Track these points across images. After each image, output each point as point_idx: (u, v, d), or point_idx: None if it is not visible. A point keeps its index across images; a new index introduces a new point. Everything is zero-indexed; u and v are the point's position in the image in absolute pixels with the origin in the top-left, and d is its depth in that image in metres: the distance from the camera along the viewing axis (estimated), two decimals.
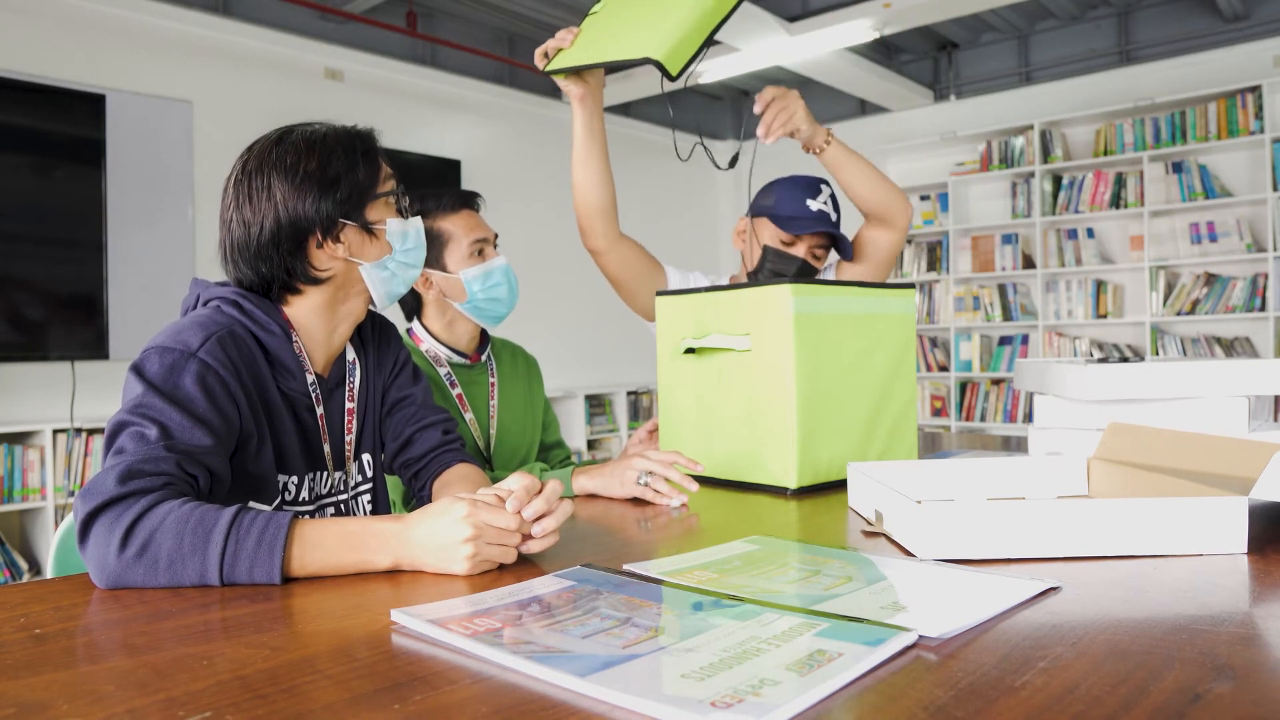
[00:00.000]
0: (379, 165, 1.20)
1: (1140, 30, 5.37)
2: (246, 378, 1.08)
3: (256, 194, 1.12)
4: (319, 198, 1.12)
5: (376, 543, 0.89)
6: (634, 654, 0.63)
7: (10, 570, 3.63)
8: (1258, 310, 4.86)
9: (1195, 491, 0.98)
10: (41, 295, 3.77)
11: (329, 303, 1.19)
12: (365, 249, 1.18)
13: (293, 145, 1.14)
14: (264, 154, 1.14)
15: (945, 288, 5.87)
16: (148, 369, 0.99)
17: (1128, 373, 1.39)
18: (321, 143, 1.15)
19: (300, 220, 1.12)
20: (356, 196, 1.16)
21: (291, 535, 0.86)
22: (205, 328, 1.06)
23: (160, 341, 1.03)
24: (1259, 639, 0.66)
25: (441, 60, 5.31)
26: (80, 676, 0.62)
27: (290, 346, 1.15)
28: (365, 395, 1.29)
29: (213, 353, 1.03)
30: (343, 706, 0.56)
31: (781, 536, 1.05)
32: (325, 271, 1.16)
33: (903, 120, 6.21)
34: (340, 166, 1.14)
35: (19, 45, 3.79)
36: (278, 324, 1.15)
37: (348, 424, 1.24)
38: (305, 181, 1.12)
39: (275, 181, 1.11)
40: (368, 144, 1.20)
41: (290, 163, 1.12)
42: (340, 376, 1.24)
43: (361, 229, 1.17)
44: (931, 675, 0.59)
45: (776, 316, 1.38)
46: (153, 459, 0.91)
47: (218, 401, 1.01)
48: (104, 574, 0.84)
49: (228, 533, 0.84)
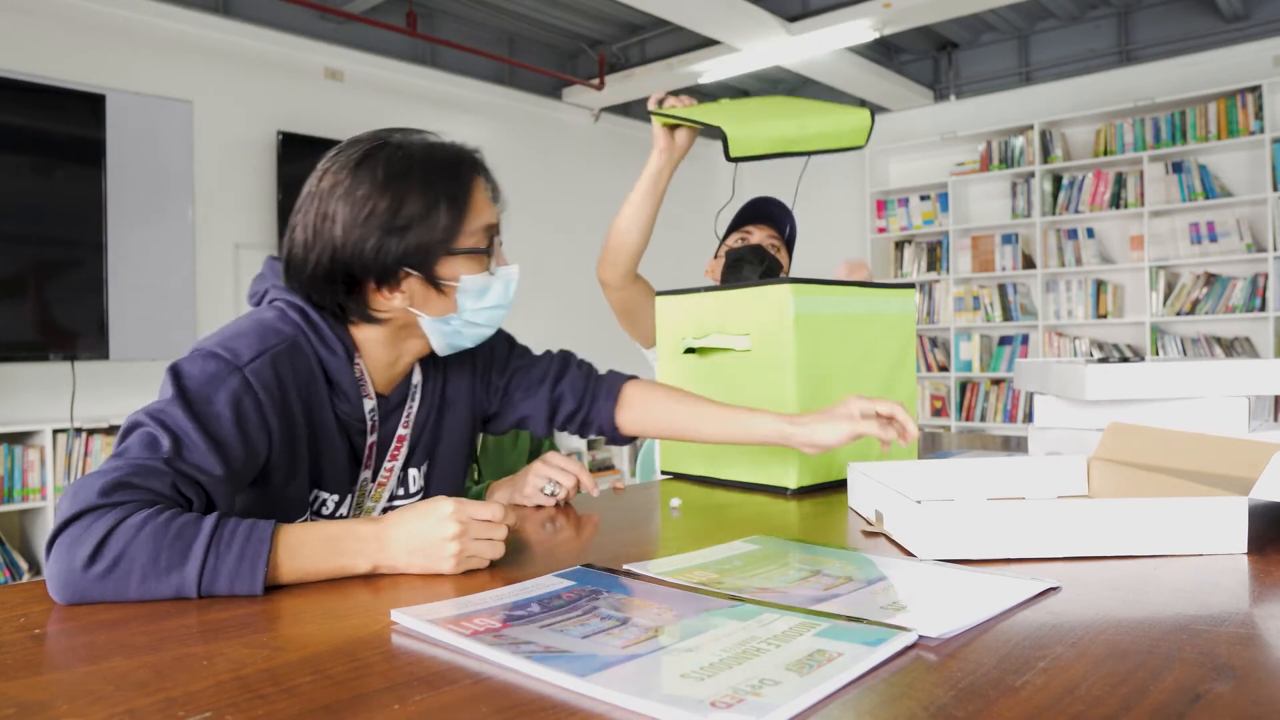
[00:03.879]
0: (466, 211, 1.04)
1: (1140, 30, 5.37)
2: (296, 397, 1.00)
3: (320, 220, 1.00)
4: (380, 244, 0.99)
5: (356, 546, 0.86)
6: (634, 654, 0.63)
7: (10, 570, 3.63)
8: (1258, 310, 4.86)
9: (1195, 491, 0.98)
10: (41, 295, 3.76)
11: (391, 339, 1.09)
12: (429, 302, 1.05)
13: (371, 172, 1.00)
14: (342, 172, 1.01)
15: (945, 288, 5.87)
16: (187, 373, 0.92)
17: (1128, 373, 1.39)
18: (404, 177, 1.00)
19: (355, 263, 1.00)
20: (424, 249, 1.01)
21: (275, 544, 0.82)
22: (264, 339, 0.97)
23: (211, 344, 0.95)
24: (1259, 639, 0.66)
25: (441, 60, 5.31)
26: (80, 676, 0.62)
27: (351, 370, 1.06)
28: (428, 410, 1.18)
29: (260, 373, 0.95)
30: (343, 706, 0.56)
31: (781, 536, 1.05)
32: (382, 314, 1.05)
33: (903, 120, 6.21)
34: (415, 211, 1.00)
35: (19, 45, 3.79)
36: (342, 343, 1.05)
37: (395, 448, 1.14)
38: (369, 221, 0.99)
39: (340, 212, 0.99)
40: (460, 185, 1.04)
41: (361, 195, 0.99)
42: (402, 398, 1.14)
43: (428, 283, 1.03)
44: (931, 675, 0.59)
45: (776, 316, 1.38)
46: (146, 472, 0.84)
47: (246, 427, 0.93)
48: (66, 590, 0.78)
49: (208, 546, 0.79)
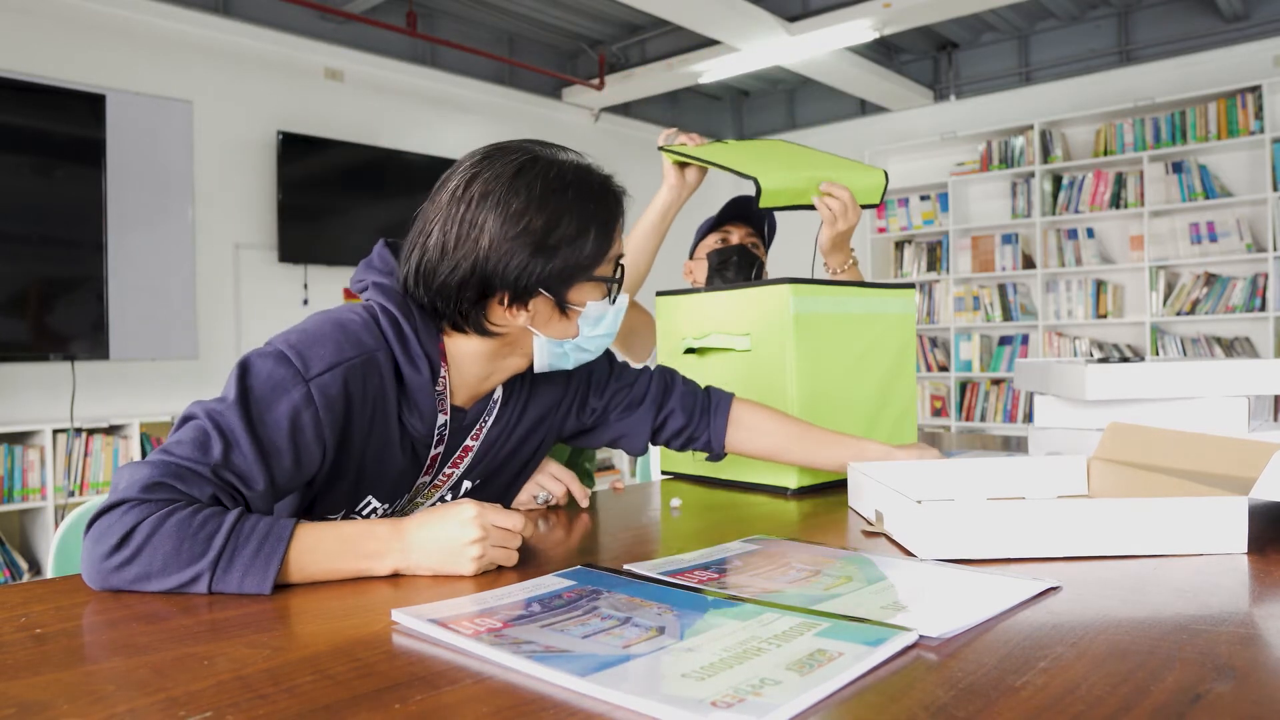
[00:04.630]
0: (611, 240, 1.03)
1: (1140, 30, 5.37)
2: (362, 412, 0.98)
3: (468, 228, 0.97)
4: (528, 260, 0.97)
5: (376, 547, 0.87)
6: (634, 654, 0.63)
7: (10, 570, 3.63)
8: (1258, 310, 4.86)
9: (1195, 491, 0.98)
10: (41, 295, 3.77)
11: (490, 354, 1.06)
12: (551, 324, 1.04)
13: (526, 187, 0.97)
14: (492, 184, 0.97)
15: (945, 288, 5.87)
16: (255, 372, 0.91)
17: (1128, 373, 1.39)
18: (560, 195, 0.98)
19: (495, 277, 0.97)
20: (568, 272, 1.00)
21: (292, 543, 0.83)
22: (340, 350, 0.95)
23: (286, 344, 0.93)
24: (1259, 639, 0.66)
25: (441, 60, 5.31)
26: (80, 676, 0.62)
27: (433, 385, 1.03)
28: (504, 428, 1.15)
29: (326, 389, 0.92)
30: (343, 706, 0.56)
31: (781, 536, 1.05)
32: (499, 328, 1.02)
33: (903, 120, 6.21)
34: (567, 234, 0.98)
35: (19, 45, 3.79)
36: (429, 358, 1.02)
37: (457, 458, 1.12)
38: (521, 238, 0.96)
39: (490, 222, 0.96)
40: (609, 213, 1.03)
41: (515, 209, 0.96)
42: (478, 414, 1.11)
43: (555, 304, 1.02)
44: (932, 675, 0.59)
45: (776, 316, 1.38)
46: (192, 477, 0.84)
47: (300, 440, 0.91)
48: (91, 575, 0.82)
49: (226, 539, 0.81)
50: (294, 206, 4.54)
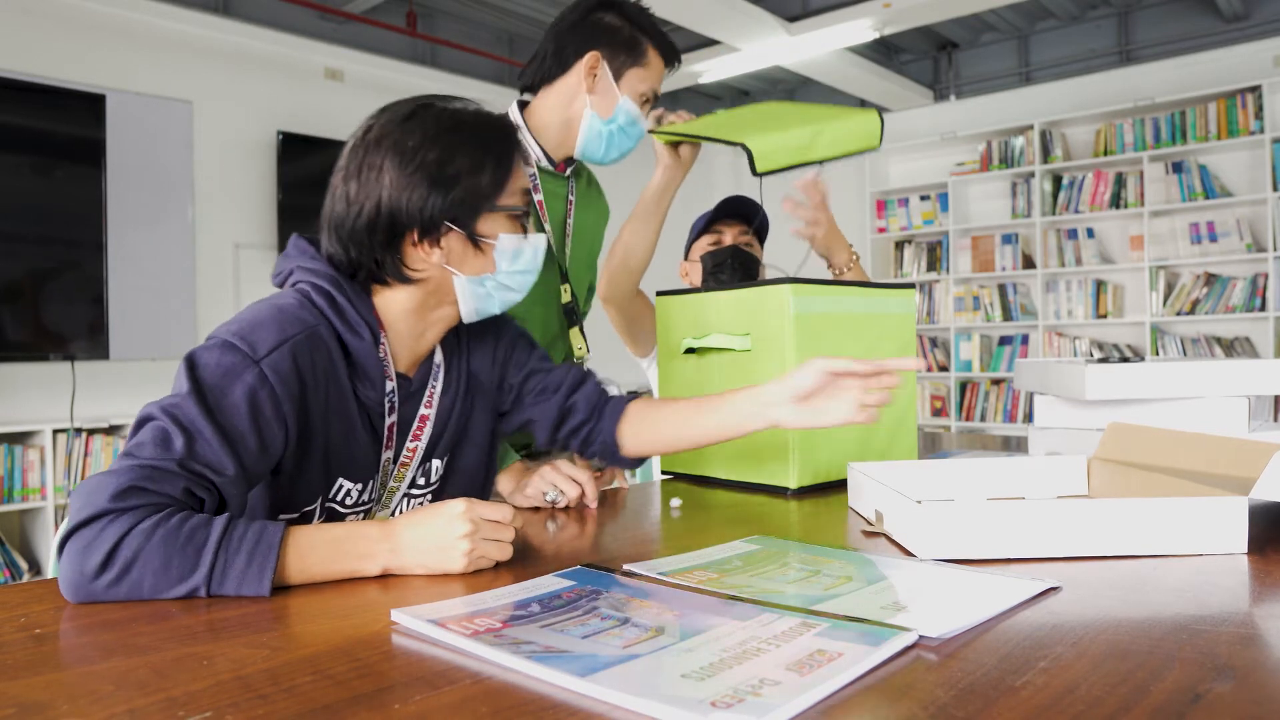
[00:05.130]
0: (510, 172, 1.07)
1: (1140, 30, 5.37)
2: (315, 387, 0.99)
3: (368, 171, 1.02)
4: (427, 194, 1.01)
5: (366, 548, 0.87)
6: (634, 654, 0.63)
7: (10, 570, 3.63)
8: (1258, 310, 4.86)
9: (1195, 491, 0.98)
10: (41, 295, 3.77)
11: (419, 306, 1.08)
12: (466, 261, 1.07)
13: (420, 125, 1.02)
14: (388, 127, 1.03)
15: (945, 288, 5.87)
16: (203, 364, 0.91)
17: (1128, 373, 1.39)
18: (453, 132, 1.03)
19: (400, 213, 1.01)
20: (471, 203, 1.04)
21: (283, 548, 0.82)
22: (283, 329, 0.96)
23: (228, 333, 0.94)
24: (1259, 639, 0.66)
25: (441, 60, 5.31)
26: (80, 676, 0.62)
27: (376, 351, 1.05)
28: (453, 396, 1.17)
29: (278, 365, 0.94)
30: (343, 706, 0.56)
31: (781, 536, 1.05)
32: (417, 272, 1.05)
33: (903, 120, 6.21)
34: (463, 165, 1.03)
35: (19, 45, 3.79)
36: (368, 324, 1.05)
37: (416, 429, 1.13)
38: (418, 173, 1.01)
39: (389, 163, 1.01)
40: (505, 145, 1.07)
41: (410, 146, 1.01)
42: (424, 380, 1.14)
43: (466, 238, 1.05)
44: (931, 675, 0.59)
45: (776, 316, 1.38)
46: (159, 475, 0.83)
47: (262, 421, 0.92)
48: (77, 594, 0.79)
49: (216, 550, 0.80)
50: (294, 206, 4.53)
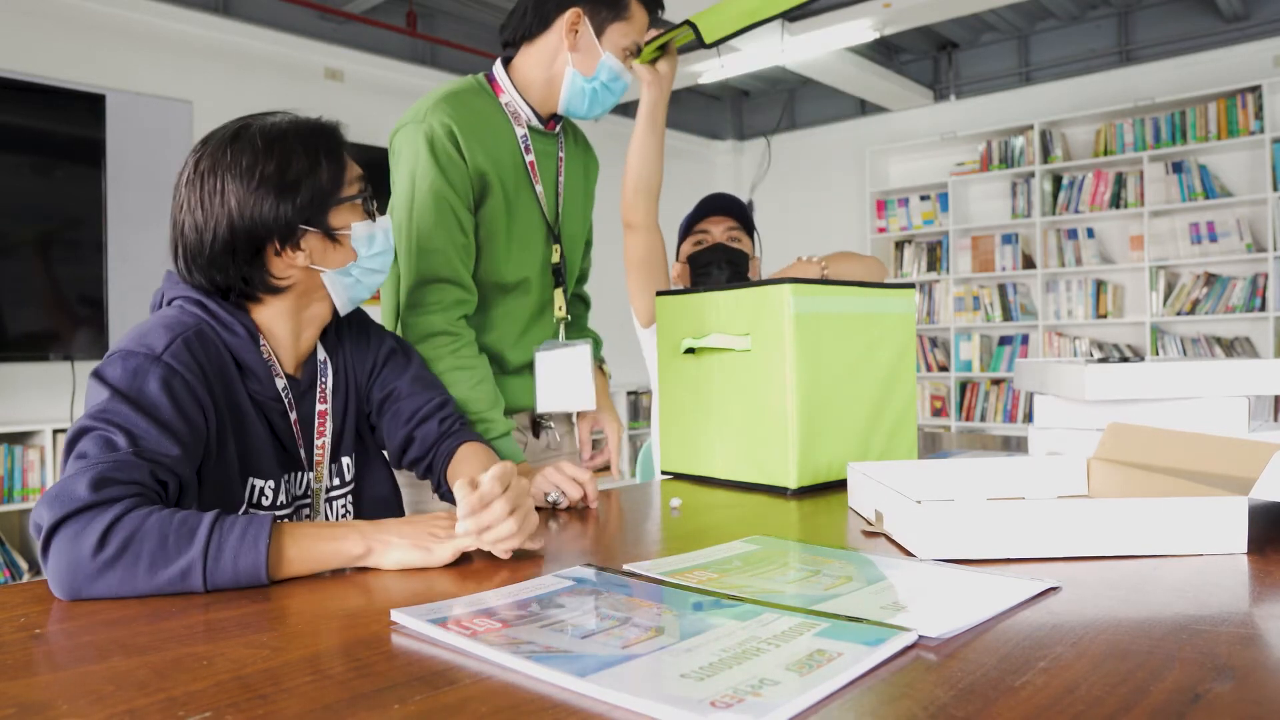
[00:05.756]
0: (344, 164, 1.11)
1: (1140, 30, 5.37)
2: (214, 381, 1.03)
3: (210, 197, 1.04)
4: (277, 203, 1.04)
5: (347, 530, 0.90)
6: (634, 654, 0.63)
7: (10, 570, 3.63)
8: (1258, 310, 4.86)
9: (1195, 491, 0.98)
10: (41, 295, 3.76)
11: (292, 309, 1.12)
12: (328, 256, 1.11)
13: (249, 143, 1.05)
14: (218, 152, 1.05)
15: (945, 288, 5.87)
16: (111, 374, 0.95)
17: (1128, 373, 1.39)
18: (281, 141, 1.06)
19: (257, 227, 1.04)
20: (319, 201, 1.07)
21: (272, 532, 0.85)
22: (170, 329, 1.01)
23: (123, 345, 0.98)
24: (1259, 639, 0.66)
25: (441, 60, 5.31)
26: (80, 676, 0.62)
27: (257, 350, 1.09)
28: (344, 395, 1.21)
29: (178, 356, 0.98)
30: (343, 706, 0.56)
31: (781, 536, 1.05)
32: (285, 280, 1.09)
33: (903, 120, 6.21)
34: (301, 168, 1.06)
35: (19, 45, 3.79)
36: (243, 326, 1.08)
37: (319, 427, 1.17)
38: (262, 185, 1.04)
39: (229, 184, 1.03)
40: (332, 141, 1.11)
41: (246, 164, 1.04)
42: (312, 378, 1.18)
43: (324, 235, 1.09)
44: (931, 675, 0.59)
45: (776, 316, 1.38)
46: (125, 466, 0.86)
47: (184, 407, 0.96)
48: (73, 580, 0.79)
49: (211, 529, 0.82)
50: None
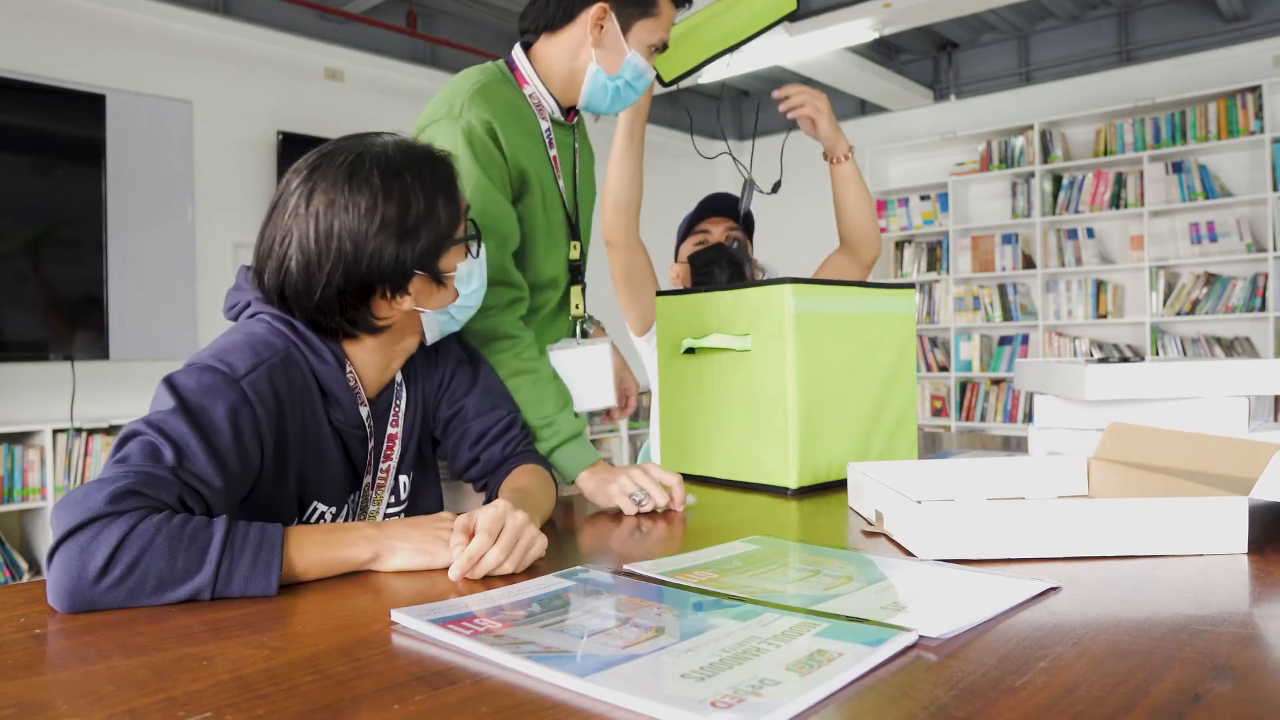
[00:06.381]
0: (459, 203, 1.06)
1: (1140, 30, 5.37)
2: (292, 410, 1.00)
3: (325, 239, 0.98)
4: (396, 250, 0.99)
5: (355, 535, 0.89)
6: (634, 654, 0.63)
7: (10, 570, 3.63)
8: (1258, 310, 4.86)
9: (1195, 491, 0.98)
10: (41, 295, 3.76)
11: (385, 344, 1.09)
12: (432, 298, 1.07)
13: (367, 182, 0.99)
14: (334, 188, 0.99)
15: (945, 288, 5.87)
16: (183, 384, 0.91)
17: (1128, 373, 1.39)
18: (399, 179, 1.00)
19: (371, 274, 0.99)
20: (435, 246, 1.03)
21: (284, 546, 0.83)
22: (258, 352, 0.97)
23: (205, 358, 0.95)
24: (1259, 639, 0.66)
25: (441, 60, 5.30)
26: (80, 676, 0.62)
27: (344, 378, 1.06)
28: (414, 415, 1.19)
29: (256, 385, 0.94)
30: (343, 706, 0.56)
31: (781, 536, 1.05)
32: (386, 320, 1.05)
33: (903, 120, 6.21)
34: (421, 211, 1.00)
35: (19, 45, 3.79)
36: (333, 354, 1.05)
37: (387, 450, 1.15)
38: (382, 230, 0.98)
39: (346, 225, 0.98)
40: (448, 179, 1.06)
41: (366, 207, 0.98)
42: (388, 401, 1.15)
43: (431, 278, 1.05)
44: (931, 675, 0.59)
45: (776, 316, 1.38)
46: (155, 483, 0.82)
47: (243, 439, 0.92)
48: (73, 600, 0.75)
49: (222, 549, 0.79)
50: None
